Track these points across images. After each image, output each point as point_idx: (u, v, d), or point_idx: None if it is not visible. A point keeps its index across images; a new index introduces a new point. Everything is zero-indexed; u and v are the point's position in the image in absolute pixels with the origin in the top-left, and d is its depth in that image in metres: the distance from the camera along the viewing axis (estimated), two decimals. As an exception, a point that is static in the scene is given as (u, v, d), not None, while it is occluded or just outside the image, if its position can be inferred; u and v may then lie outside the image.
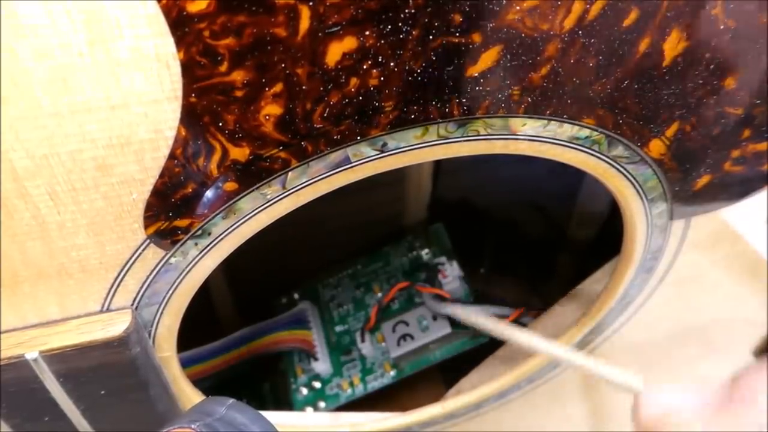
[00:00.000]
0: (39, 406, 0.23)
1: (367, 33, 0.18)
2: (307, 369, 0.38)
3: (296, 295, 0.42)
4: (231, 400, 0.19)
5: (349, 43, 0.18)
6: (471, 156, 0.22)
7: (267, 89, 0.18)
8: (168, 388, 0.25)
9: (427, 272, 0.38)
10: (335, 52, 0.18)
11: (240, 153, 0.19)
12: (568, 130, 0.22)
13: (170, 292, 0.22)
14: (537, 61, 0.20)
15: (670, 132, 0.23)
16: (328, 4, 0.17)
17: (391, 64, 0.18)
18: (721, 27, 0.20)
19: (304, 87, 0.18)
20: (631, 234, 0.27)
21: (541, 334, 0.32)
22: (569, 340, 0.32)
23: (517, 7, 0.18)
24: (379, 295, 0.39)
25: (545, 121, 0.22)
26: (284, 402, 0.39)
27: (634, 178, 0.24)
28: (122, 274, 0.21)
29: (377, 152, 0.21)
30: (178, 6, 0.16)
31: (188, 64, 0.17)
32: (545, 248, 0.45)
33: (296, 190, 0.21)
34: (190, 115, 0.18)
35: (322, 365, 0.37)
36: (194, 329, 0.27)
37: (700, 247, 0.29)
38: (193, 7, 0.16)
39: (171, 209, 0.20)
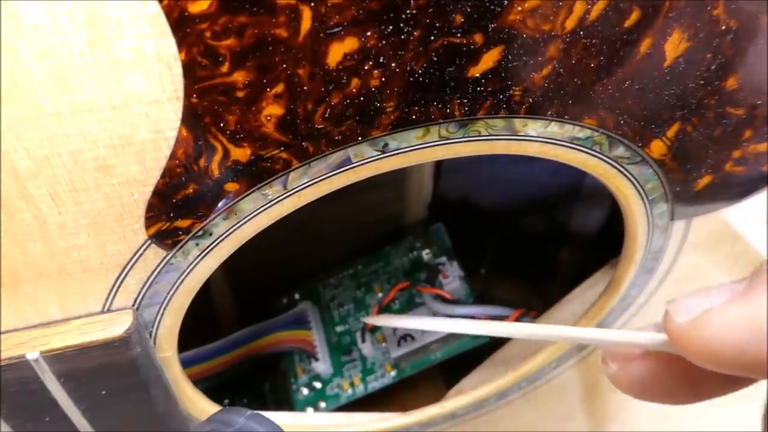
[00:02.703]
0: (40, 406, 0.23)
1: (369, 34, 0.18)
2: (308, 369, 0.38)
3: (297, 295, 0.42)
4: (250, 411, 0.20)
5: (350, 43, 0.18)
6: (472, 156, 0.22)
7: (268, 90, 0.18)
8: (169, 388, 0.25)
9: (427, 272, 0.38)
10: (336, 52, 0.18)
11: (241, 153, 0.19)
12: (569, 130, 0.22)
13: (171, 292, 0.22)
14: (538, 61, 0.20)
15: (671, 132, 0.23)
16: (329, 4, 0.17)
17: (393, 64, 0.18)
18: (723, 27, 0.20)
19: (305, 87, 0.18)
20: (632, 234, 0.27)
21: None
22: (570, 340, 0.32)
23: (519, 8, 0.18)
24: (380, 295, 0.39)
25: (546, 122, 0.22)
26: (285, 402, 0.39)
27: (635, 179, 0.24)
28: (123, 274, 0.21)
29: (378, 153, 0.21)
30: (179, 6, 0.16)
31: (189, 64, 0.17)
32: (546, 248, 0.45)
33: (297, 191, 0.21)
34: (191, 116, 0.18)
35: (322, 365, 0.37)
36: (194, 329, 0.27)
37: (701, 248, 0.29)
38: (194, 8, 0.16)
39: (172, 210, 0.20)
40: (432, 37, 0.18)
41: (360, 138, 0.20)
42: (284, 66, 0.18)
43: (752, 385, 0.18)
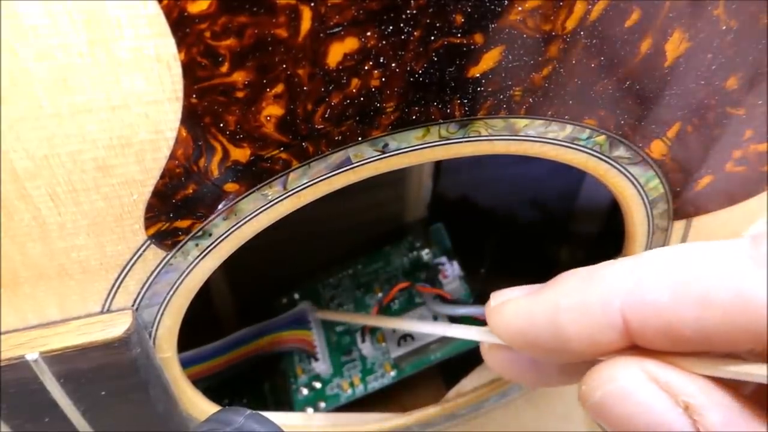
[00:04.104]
0: (39, 407, 0.23)
1: (369, 34, 0.17)
2: (308, 369, 0.38)
3: (296, 295, 0.41)
4: (249, 411, 0.19)
5: (350, 43, 0.18)
6: (472, 156, 0.22)
7: (268, 90, 0.18)
8: (168, 388, 0.25)
9: (427, 272, 0.38)
10: (336, 52, 0.18)
11: (241, 154, 0.19)
12: (569, 130, 0.22)
13: (171, 293, 0.22)
14: (539, 61, 0.20)
15: (672, 133, 0.23)
16: (329, 4, 0.17)
17: (393, 64, 0.18)
18: (723, 27, 0.20)
19: (305, 88, 0.18)
20: (632, 234, 0.27)
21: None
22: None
23: (519, 8, 0.18)
24: (380, 295, 0.39)
25: (547, 122, 0.22)
26: (284, 402, 0.39)
27: (636, 179, 0.24)
28: (123, 275, 0.21)
29: (378, 153, 0.21)
30: (179, 6, 0.16)
31: (189, 64, 0.17)
32: (546, 247, 0.45)
33: (297, 191, 0.21)
34: (191, 116, 0.18)
35: (322, 365, 0.37)
36: (194, 329, 0.27)
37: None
38: (194, 8, 0.16)
39: (172, 210, 0.20)
40: (432, 37, 0.18)
41: (360, 138, 0.20)
42: (284, 66, 0.17)
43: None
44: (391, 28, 0.18)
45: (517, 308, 0.18)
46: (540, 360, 0.19)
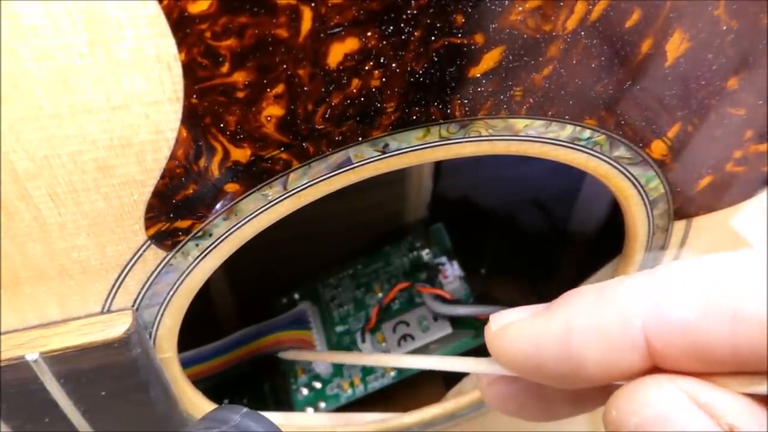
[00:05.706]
0: (39, 407, 0.23)
1: (369, 34, 0.17)
2: (308, 369, 0.38)
3: (296, 295, 0.41)
4: (245, 409, 0.19)
5: (350, 44, 0.18)
6: (472, 155, 0.22)
7: (268, 90, 0.18)
8: (168, 389, 0.25)
9: (427, 272, 0.38)
10: (337, 53, 0.18)
11: (241, 154, 0.19)
12: (569, 130, 0.22)
13: (171, 293, 0.22)
14: (539, 61, 0.20)
15: (672, 133, 0.23)
16: (329, 5, 0.17)
17: (393, 65, 0.18)
18: (724, 28, 0.20)
19: (305, 88, 0.18)
20: (632, 234, 0.27)
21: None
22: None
23: (520, 8, 0.18)
24: (380, 295, 0.39)
25: (547, 122, 0.22)
26: (284, 402, 0.39)
27: (636, 179, 0.24)
28: (123, 275, 0.21)
29: (379, 153, 0.21)
30: (179, 7, 0.16)
31: (189, 65, 0.17)
32: (546, 248, 0.45)
33: (297, 191, 0.21)
34: (191, 117, 0.18)
35: (322, 365, 0.37)
36: (194, 329, 0.27)
37: (701, 248, 0.29)
38: (194, 8, 0.16)
39: (172, 210, 0.20)
40: (433, 38, 0.18)
41: (360, 138, 0.20)
42: (284, 66, 0.17)
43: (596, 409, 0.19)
44: (391, 28, 0.18)
45: (522, 331, 0.17)
46: (547, 386, 0.18)
